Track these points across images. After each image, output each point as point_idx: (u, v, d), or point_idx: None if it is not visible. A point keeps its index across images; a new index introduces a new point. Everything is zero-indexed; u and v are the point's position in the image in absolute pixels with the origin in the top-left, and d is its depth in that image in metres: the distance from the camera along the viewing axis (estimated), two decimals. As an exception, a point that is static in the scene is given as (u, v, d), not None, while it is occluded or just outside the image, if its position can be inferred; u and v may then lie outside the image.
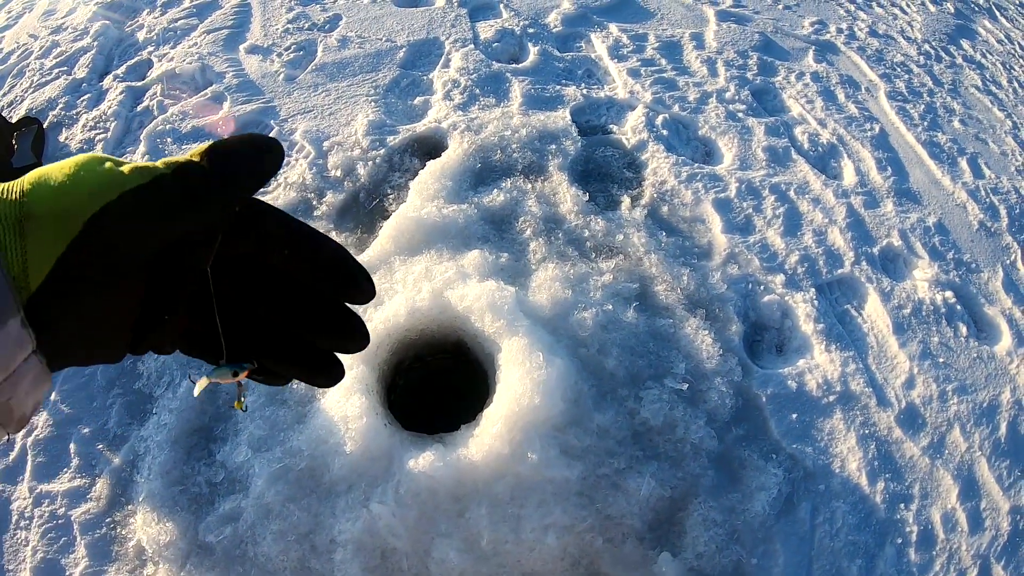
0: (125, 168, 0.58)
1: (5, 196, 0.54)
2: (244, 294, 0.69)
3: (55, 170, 0.56)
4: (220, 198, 0.61)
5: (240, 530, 2.56)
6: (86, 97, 4.37)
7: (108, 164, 0.58)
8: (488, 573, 2.48)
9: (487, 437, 2.54)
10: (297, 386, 2.82)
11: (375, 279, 2.99)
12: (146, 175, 0.58)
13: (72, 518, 2.70)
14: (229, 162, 0.61)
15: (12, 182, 0.55)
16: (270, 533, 2.51)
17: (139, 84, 4.42)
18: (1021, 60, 6.06)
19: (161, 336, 0.65)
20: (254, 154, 0.63)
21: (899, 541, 2.79)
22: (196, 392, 0.74)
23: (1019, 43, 6.30)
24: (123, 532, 2.67)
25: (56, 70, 4.66)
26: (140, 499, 2.68)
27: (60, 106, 4.33)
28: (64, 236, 0.54)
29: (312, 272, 0.69)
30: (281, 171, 3.78)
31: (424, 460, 2.50)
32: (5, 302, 0.51)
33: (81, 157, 0.58)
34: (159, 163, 0.60)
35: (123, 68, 4.58)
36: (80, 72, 4.57)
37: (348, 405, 2.62)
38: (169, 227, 0.59)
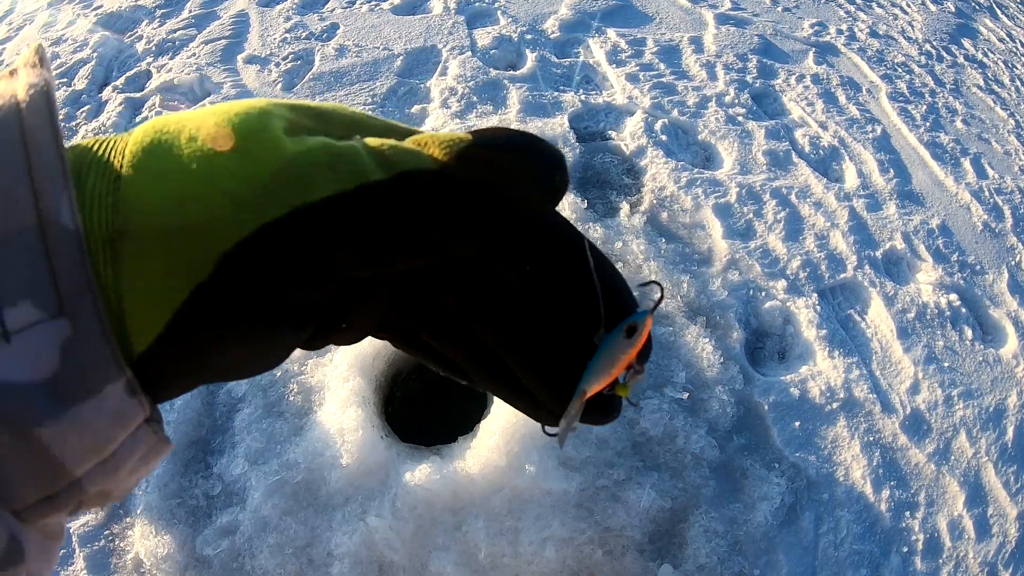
0: (301, 150, 0.35)
1: (101, 194, 0.35)
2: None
3: (183, 139, 0.36)
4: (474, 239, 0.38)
5: (237, 543, 2.54)
6: (85, 109, 4.37)
7: (277, 141, 0.35)
8: (487, 586, 2.46)
9: (484, 449, 2.52)
10: (294, 398, 2.81)
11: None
12: (345, 178, 0.35)
13: (71, 530, 2.68)
14: (499, 176, 0.37)
15: (120, 141, 0.38)
16: (267, 546, 2.49)
17: (138, 95, 4.42)
18: (1023, 58, 6.02)
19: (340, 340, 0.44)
20: (541, 168, 0.39)
21: (905, 550, 2.75)
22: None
23: (1021, 41, 6.27)
24: (121, 544, 2.65)
25: (56, 81, 4.65)
26: (138, 511, 2.66)
27: (60, 118, 4.32)
28: (194, 274, 0.34)
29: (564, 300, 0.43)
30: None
31: (421, 473, 2.47)
32: (99, 358, 0.32)
33: (237, 110, 0.37)
34: (360, 146, 0.36)
35: (122, 79, 4.57)
36: (80, 84, 4.57)
37: (344, 417, 2.61)
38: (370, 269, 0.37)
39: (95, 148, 0.38)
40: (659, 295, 0.50)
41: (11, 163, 0.31)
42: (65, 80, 4.62)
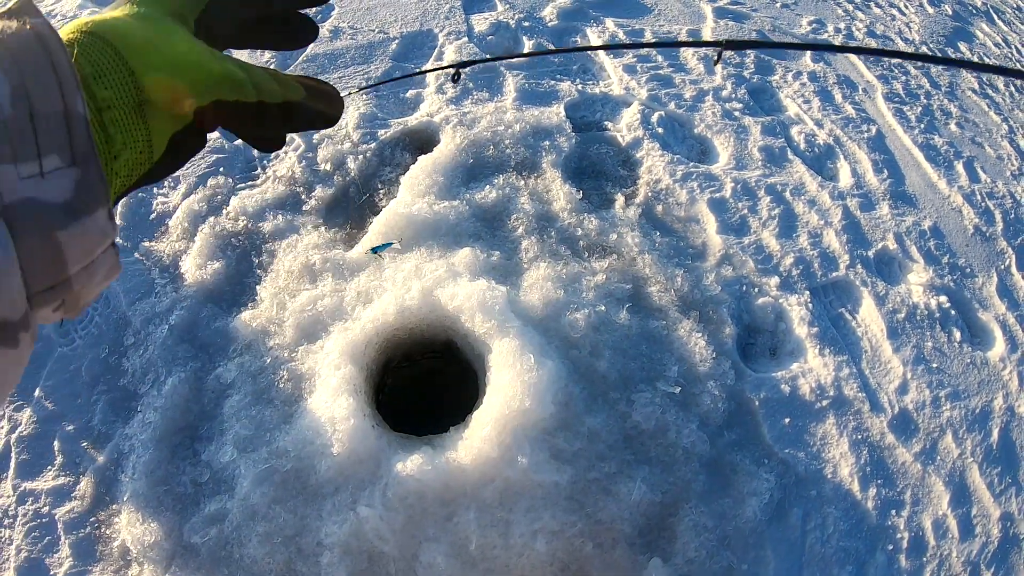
0: (215, 68, 0.64)
1: (104, 68, 0.59)
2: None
3: (163, 42, 0.62)
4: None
5: (226, 531, 2.52)
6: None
7: (208, 62, 0.64)
8: (475, 577, 2.45)
9: (476, 440, 2.51)
10: (284, 385, 2.78)
11: (364, 276, 2.96)
12: (239, 88, 0.65)
13: (56, 517, 2.65)
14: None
15: (91, 30, 0.60)
16: (256, 535, 2.48)
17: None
18: (1018, 63, 6.05)
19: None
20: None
21: (890, 547, 2.78)
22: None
23: (1016, 46, 6.29)
24: (107, 532, 2.63)
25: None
26: (125, 498, 2.64)
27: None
28: (181, 122, 0.64)
29: None
30: (270, 164, 3.74)
31: (412, 463, 2.46)
32: (98, 192, 0.53)
33: (176, 37, 0.64)
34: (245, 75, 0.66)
35: (112, 56, 4.50)
36: (68, 59, 4.50)
37: (335, 406, 2.58)
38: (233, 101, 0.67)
39: (94, 52, 0.59)
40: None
41: (44, 71, 0.50)
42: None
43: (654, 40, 4.87)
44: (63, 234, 0.51)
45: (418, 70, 3.86)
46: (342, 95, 0.77)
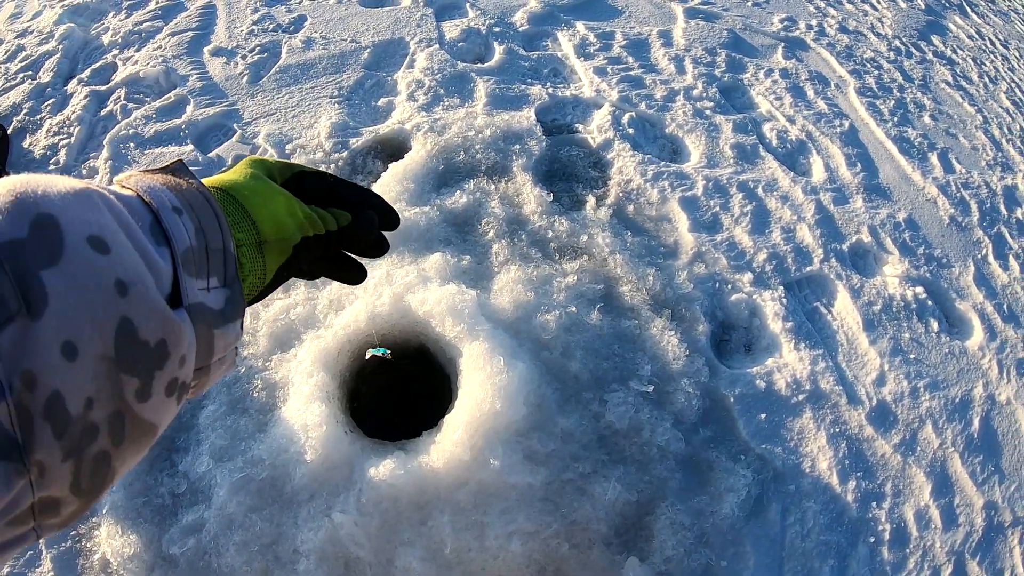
0: (300, 215, 0.87)
1: (234, 217, 0.80)
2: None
3: (269, 201, 0.84)
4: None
5: (203, 541, 2.51)
6: (50, 102, 4.29)
7: (298, 212, 0.87)
8: (453, 582, 2.44)
9: (449, 443, 2.50)
10: (258, 394, 2.78)
11: (336, 284, 2.96)
12: (315, 224, 0.90)
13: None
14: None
15: (225, 189, 0.82)
16: (233, 544, 2.47)
17: (103, 88, 4.35)
18: (991, 55, 6.10)
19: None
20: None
21: (872, 540, 2.77)
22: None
23: (989, 38, 6.34)
24: (88, 545, 2.62)
25: (21, 74, 4.57)
26: (104, 511, 2.63)
27: (24, 111, 4.25)
28: (284, 255, 0.86)
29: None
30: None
31: (385, 468, 2.45)
32: (240, 306, 0.75)
33: (279, 195, 0.86)
34: (317, 215, 0.91)
35: (88, 72, 4.50)
36: (45, 76, 4.49)
37: (308, 413, 2.57)
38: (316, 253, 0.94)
39: (230, 204, 0.82)
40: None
41: (211, 219, 0.72)
42: (30, 73, 4.54)
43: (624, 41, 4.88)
44: (217, 332, 0.71)
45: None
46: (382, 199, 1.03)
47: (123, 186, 0.70)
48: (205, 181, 0.81)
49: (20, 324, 0.50)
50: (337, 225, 0.94)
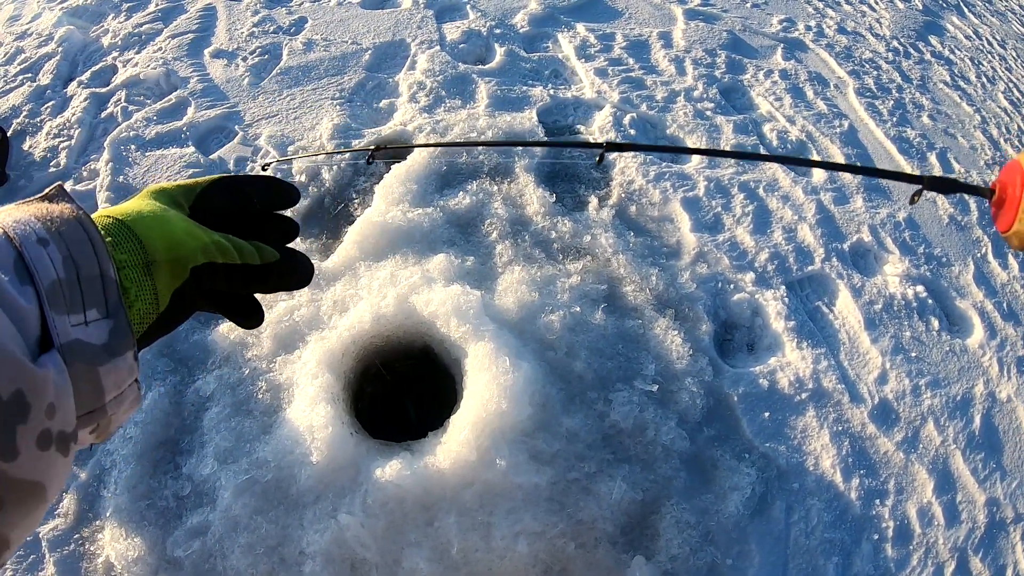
0: (204, 238, 0.82)
1: (115, 238, 0.75)
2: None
3: (162, 223, 0.79)
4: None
5: (208, 544, 2.51)
6: (50, 104, 4.30)
7: (200, 234, 0.82)
8: (459, 582, 2.44)
9: (454, 444, 2.50)
10: (262, 395, 2.78)
11: (340, 285, 2.96)
12: (225, 252, 0.84)
13: (40, 535, 2.63)
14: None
15: (112, 215, 0.78)
16: (238, 547, 2.47)
17: (103, 90, 4.35)
18: (989, 56, 6.11)
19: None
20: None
21: (875, 537, 2.78)
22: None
23: (987, 39, 6.36)
24: (91, 548, 2.61)
25: (20, 77, 4.57)
26: (107, 514, 2.63)
27: (24, 113, 4.26)
28: (179, 278, 0.79)
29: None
30: (245, 177, 3.74)
31: (391, 469, 2.45)
32: (126, 339, 0.69)
33: (175, 217, 0.82)
34: (228, 242, 0.86)
35: (87, 74, 4.51)
36: (44, 79, 4.49)
37: (313, 414, 2.57)
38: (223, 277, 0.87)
39: (110, 228, 0.77)
40: None
41: (84, 244, 0.66)
42: (30, 76, 4.55)
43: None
44: (102, 369, 0.66)
45: (332, 151, 3.80)
46: (304, 253, 0.96)
47: None
48: (98, 213, 0.78)
49: None
50: (260, 260, 0.88)
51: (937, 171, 4.48)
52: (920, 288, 3.63)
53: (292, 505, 2.53)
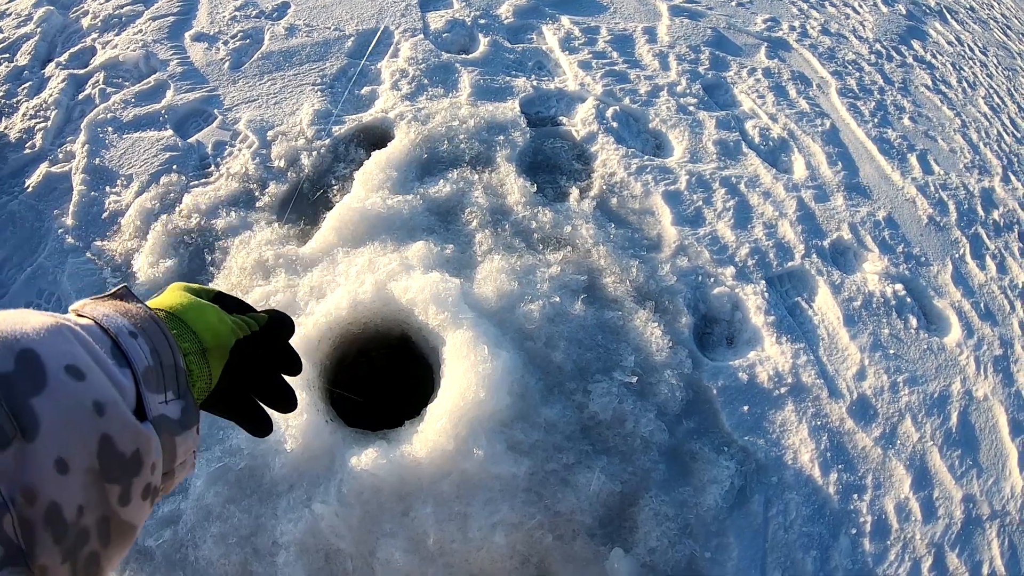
0: (228, 320, 1.00)
1: (177, 331, 0.90)
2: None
3: (203, 314, 0.95)
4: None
5: (180, 534, 2.46)
6: (27, 85, 4.22)
7: (227, 319, 0.99)
8: (435, 574, 2.41)
9: (431, 433, 2.47)
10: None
11: (317, 272, 2.93)
12: (242, 328, 1.02)
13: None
14: (271, 335, 1.11)
15: (164, 310, 0.93)
16: (211, 536, 2.42)
17: (81, 72, 4.27)
18: (971, 62, 6.17)
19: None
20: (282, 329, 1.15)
21: (853, 532, 2.78)
22: None
23: (969, 45, 6.42)
24: (57, 537, 2.55)
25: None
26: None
27: (0, 94, 4.17)
28: (224, 358, 0.96)
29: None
30: (223, 162, 3.69)
31: (367, 458, 2.42)
32: (194, 414, 0.84)
33: (210, 308, 0.98)
34: (243, 321, 1.05)
35: (66, 55, 4.42)
36: (22, 59, 4.41)
37: (288, 401, 2.53)
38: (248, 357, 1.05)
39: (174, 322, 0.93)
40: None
41: (161, 338, 0.82)
42: (7, 56, 4.46)
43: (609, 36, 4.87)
44: (178, 439, 0.80)
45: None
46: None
47: (79, 315, 0.80)
48: (154, 304, 0.94)
49: (17, 447, 0.60)
50: (259, 326, 1.07)
51: (918, 172, 4.51)
52: (899, 286, 3.65)
53: (266, 494, 2.49)
